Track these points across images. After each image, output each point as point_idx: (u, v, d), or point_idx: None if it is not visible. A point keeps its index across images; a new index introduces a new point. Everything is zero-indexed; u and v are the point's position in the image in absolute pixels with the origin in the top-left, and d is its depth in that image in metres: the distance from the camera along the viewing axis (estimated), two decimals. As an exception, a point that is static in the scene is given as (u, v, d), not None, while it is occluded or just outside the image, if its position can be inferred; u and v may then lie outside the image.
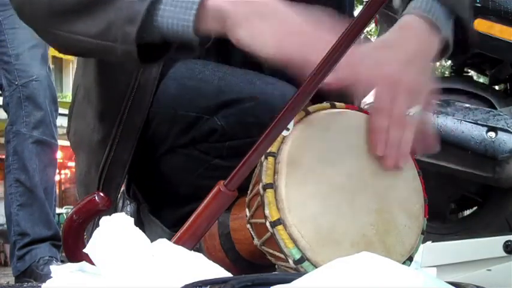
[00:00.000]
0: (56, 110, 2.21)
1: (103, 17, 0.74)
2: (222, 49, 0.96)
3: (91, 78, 0.95)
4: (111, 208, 0.79)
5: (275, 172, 0.67)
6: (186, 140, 0.92)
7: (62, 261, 2.07)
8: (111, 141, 0.92)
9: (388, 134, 0.72)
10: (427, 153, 0.77)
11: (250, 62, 0.85)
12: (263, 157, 0.67)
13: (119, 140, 0.92)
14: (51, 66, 2.69)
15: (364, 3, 0.59)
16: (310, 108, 0.70)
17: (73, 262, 0.59)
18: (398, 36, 0.79)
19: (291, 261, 0.65)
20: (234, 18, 0.69)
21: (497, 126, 1.78)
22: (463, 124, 1.79)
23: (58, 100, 2.24)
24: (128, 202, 1.05)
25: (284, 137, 0.68)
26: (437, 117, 1.79)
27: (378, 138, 0.72)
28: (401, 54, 0.76)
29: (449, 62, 2.45)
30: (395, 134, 0.72)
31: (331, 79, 0.64)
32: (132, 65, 0.76)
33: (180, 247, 0.58)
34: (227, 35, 0.70)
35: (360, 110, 0.74)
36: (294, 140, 0.68)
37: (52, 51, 1.90)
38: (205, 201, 0.67)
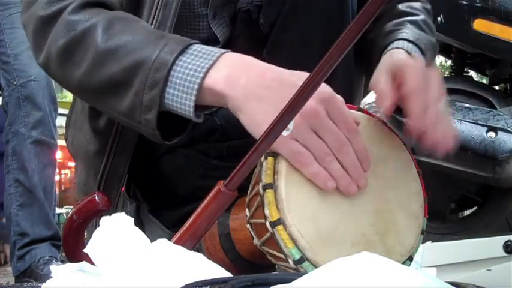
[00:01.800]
0: (55, 110, 2.21)
1: (126, 99, 0.76)
2: (225, 48, 0.96)
3: None
4: (111, 209, 0.79)
5: (275, 172, 0.67)
6: (186, 140, 0.92)
7: (62, 261, 2.07)
8: (107, 154, 0.93)
9: (425, 119, 0.73)
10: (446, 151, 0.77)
11: None
12: (263, 157, 0.67)
13: (114, 153, 0.93)
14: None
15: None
16: (310, 108, 0.70)
17: (73, 262, 0.59)
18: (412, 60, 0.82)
19: (290, 262, 0.65)
20: (233, 102, 0.70)
21: (497, 126, 1.78)
22: (463, 124, 1.79)
23: (57, 100, 2.24)
24: (128, 202, 1.05)
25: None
26: (437, 117, 1.78)
27: (416, 122, 0.73)
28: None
29: (449, 62, 2.45)
30: (433, 117, 0.73)
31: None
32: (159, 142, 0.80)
33: (180, 247, 0.58)
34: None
35: (360, 109, 0.74)
36: (294, 140, 0.67)
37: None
38: (205, 201, 0.67)
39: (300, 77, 0.69)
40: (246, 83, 0.70)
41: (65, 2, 0.82)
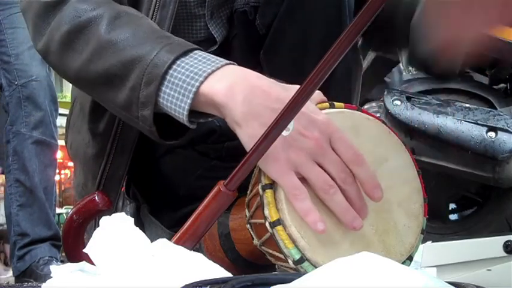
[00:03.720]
0: (56, 110, 2.21)
1: (123, 93, 0.75)
2: (222, 49, 0.96)
3: (85, 95, 0.95)
4: (111, 210, 0.79)
5: (275, 172, 0.67)
6: (185, 141, 0.92)
7: (62, 261, 2.07)
8: (106, 157, 0.93)
9: None
10: None
11: (249, 63, 0.85)
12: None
13: (113, 156, 0.92)
14: (51, 66, 2.69)
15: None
16: (310, 108, 0.70)
17: (73, 262, 0.59)
18: None
19: (290, 262, 0.65)
20: (232, 116, 0.67)
21: (497, 126, 1.78)
22: (463, 124, 1.79)
23: (58, 100, 2.25)
24: (128, 202, 1.05)
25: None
26: (437, 117, 1.79)
27: None
28: None
29: (449, 62, 2.45)
30: None
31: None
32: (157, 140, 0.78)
33: (180, 247, 0.58)
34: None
35: (359, 109, 0.74)
36: (293, 140, 0.67)
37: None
38: (205, 201, 0.67)
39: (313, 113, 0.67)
40: (249, 99, 0.66)
41: None
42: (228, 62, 0.71)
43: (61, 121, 2.19)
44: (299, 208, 0.64)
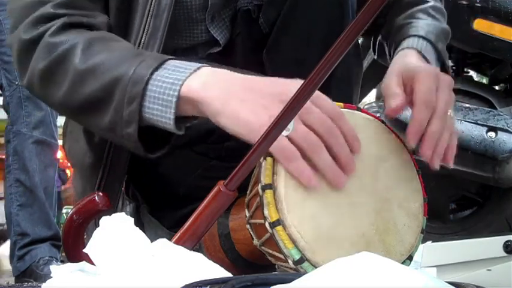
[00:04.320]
0: (56, 110, 2.21)
1: (107, 115, 0.77)
2: (224, 49, 0.96)
3: None
4: (111, 210, 0.79)
5: (274, 173, 0.67)
6: (184, 141, 0.92)
7: (62, 261, 2.07)
8: (103, 166, 0.94)
9: (428, 128, 0.73)
10: (444, 163, 0.77)
11: (252, 62, 0.85)
12: (262, 157, 0.67)
13: (110, 166, 0.93)
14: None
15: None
16: (310, 108, 0.70)
17: (73, 262, 0.59)
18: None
19: (290, 262, 0.65)
20: (211, 107, 0.69)
21: (497, 126, 1.78)
22: (463, 124, 1.79)
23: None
24: (128, 202, 1.05)
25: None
26: (438, 117, 1.79)
27: (416, 129, 0.73)
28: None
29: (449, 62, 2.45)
30: (436, 127, 0.73)
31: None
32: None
33: (180, 247, 0.58)
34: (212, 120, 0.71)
35: (359, 109, 0.74)
36: (293, 140, 0.67)
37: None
38: (205, 201, 0.67)
39: (284, 82, 0.69)
40: (224, 86, 0.69)
41: (47, 25, 0.82)
42: (200, 65, 0.74)
43: (61, 121, 2.19)
44: (292, 168, 0.65)
